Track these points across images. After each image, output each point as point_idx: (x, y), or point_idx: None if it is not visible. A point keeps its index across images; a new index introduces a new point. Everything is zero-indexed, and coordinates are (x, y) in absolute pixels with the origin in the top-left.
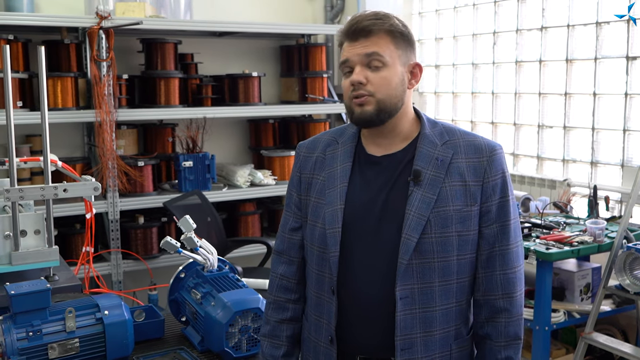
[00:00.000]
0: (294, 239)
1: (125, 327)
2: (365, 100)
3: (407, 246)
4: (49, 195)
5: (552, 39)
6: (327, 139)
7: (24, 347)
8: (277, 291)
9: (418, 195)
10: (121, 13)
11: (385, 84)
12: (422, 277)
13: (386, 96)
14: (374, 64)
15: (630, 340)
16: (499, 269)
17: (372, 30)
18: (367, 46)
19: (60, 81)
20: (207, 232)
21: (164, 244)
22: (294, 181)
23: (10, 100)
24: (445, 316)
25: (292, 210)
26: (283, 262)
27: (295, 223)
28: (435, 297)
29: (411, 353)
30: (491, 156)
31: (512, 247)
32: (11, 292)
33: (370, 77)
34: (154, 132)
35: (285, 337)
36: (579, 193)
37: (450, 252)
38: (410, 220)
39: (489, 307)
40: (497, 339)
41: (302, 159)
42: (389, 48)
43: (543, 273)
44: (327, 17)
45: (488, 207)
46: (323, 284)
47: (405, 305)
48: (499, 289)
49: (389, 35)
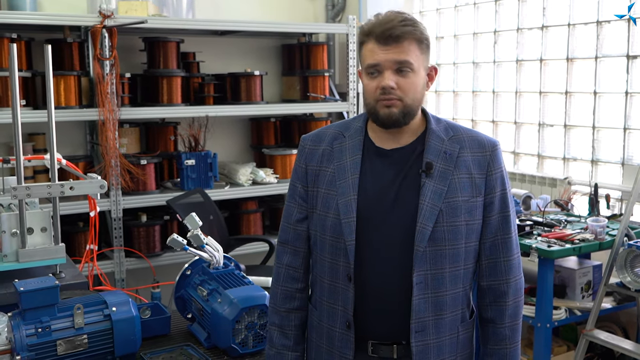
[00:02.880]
0: (299, 229)
1: (133, 323)
2: (393, 103)
3: (423, 234)
4: (55, 193)
5: (553, 37)
6: (332, 133)
7: (33, 343)
8: (285, 281)
9: (430, 186)
10: (124, 12)
11: (413, 89)
12: (435, 264)
13: (413, 100)
14: (404, 70)
15: (630, 337)
16: (503, 257)
17: (402, 37)
18: (398, 53)
19: (63, 80)
20: (210, 230)
21: (171, 241)
22: (299, 173)
23: (17, 98)
24: (454, 300)
25: (296, 201)
26: (288, 252)
27: (300, 214)
28: (445, 282)
29: (424, 335)
30: (493, 151)
31: (512, 236)
32: (20, 288)
33: (400, 82)
34: (156, 130)
35: (294, 326)
36: (580, 191)
37: (460, 240)
38: (425, 210)
39: (494, 292)
40: (502, 320)
41: (307, 151)
42: (416, 55)
43: (544, 270)
44: (328, 16)
45: (491, 199)
46: (338, 271)
47: (420, 290)
48: (503, 275)
49: (416, 42)
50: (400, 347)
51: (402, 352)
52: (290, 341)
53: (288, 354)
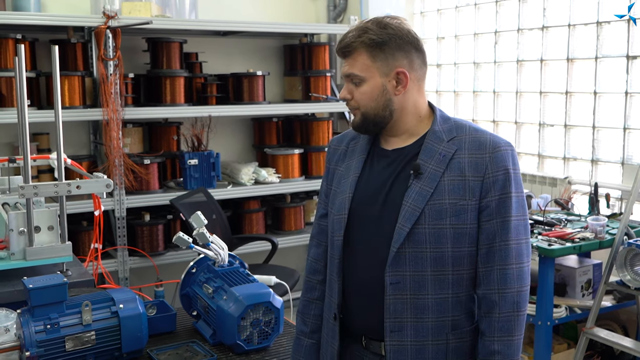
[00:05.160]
0: (322, 224)
1: (140, 320)
2: (355, 113)
3: (399, 235)
4: (62, 192)
5: (553, 38)
6: (354, 133)
7: (42, 340)
8: (309, 272)
9: (416, 187)
10: (127, 12)
11: (365, 98)
12: (415, 265)
13: (368, 108)
14: (354, 81)
15: (630, 335)
16: (497, 264)
17: (350, 48)
18: (348, 66)
19: (67, 80)
20: (213, 229)
21: (177, 239)
22: (326, 172)
23: (25, 98)
24: (439, 305)
25: (322, 198)
26: (313, 245)
27: (324, 210)
28: (427, 285)
29: (400, 336)
30: (493, 152)
31: (511, 244)
32: (29, 285)
33: (353, 92)
34: (159, 130)
35: (312, 315)
36: (580, 190)
37: (444, 244)
38: (405, 211)
39: (486, 302)
40: (490, 334)
41: (331, 151)
42: (365, 64)
43: (545, 269)
44: (330, 16)
45: (487, 203)
46: (333, 265)
47: (396, 290)
48: (495, 284)
49: (365, 49)
50: None
51: None
52: (307, 328)
53: (304, 339)
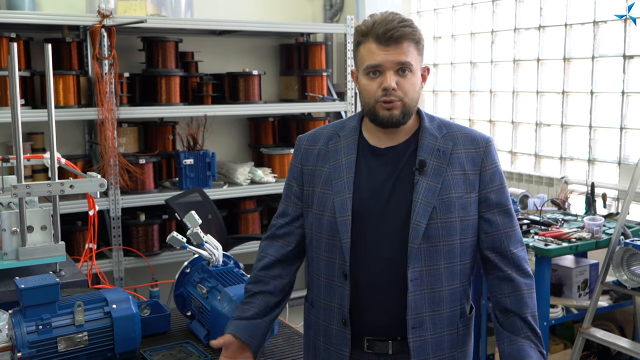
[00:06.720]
0: (293, 226)
1: (133, 320)
2: (394, 105)
3: (417, 231)
4: (55, 191)
5: (550, 37)
6: (328, 133)
7: (34, 340)
8: (263, 268)
9: (424, 184)
10: (122, 11)
11: (412, 90)
12: (429, 260)
13: (412, 100)
14: (404, 70)
15: (627, 335)
16: (512, 248)
17: (404, 38)
18: (399, 54)
19: (62, 79)
20: (208, 229)
21: (171, 239)
22: (295, 172)
23: (18, 97)
24: (452, 296)
25: (292, 200)
26: (277, 245)
27: (295, 212)
28: (442, 278)
29: (421, 330)
30: (486, 147)
31: (516, 229)
32: (21, 286)
33: (400, 82)
34: (154, 130)
35: (257, 304)
36: (577, 190)
37: (454, 236)
38: (418, 207)
39: (508, 283)
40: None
41: (303, 151)
42: (414, 56)
43: (541, 269)
44: (326, 16)
45: (486, 194)
46: (334, 269)
47: (415, 287)
48: (512, 267)
49: (414, 43)
50: (395, 343)
51: (397, 347)
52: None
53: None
